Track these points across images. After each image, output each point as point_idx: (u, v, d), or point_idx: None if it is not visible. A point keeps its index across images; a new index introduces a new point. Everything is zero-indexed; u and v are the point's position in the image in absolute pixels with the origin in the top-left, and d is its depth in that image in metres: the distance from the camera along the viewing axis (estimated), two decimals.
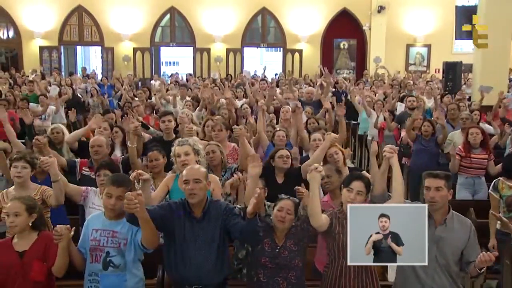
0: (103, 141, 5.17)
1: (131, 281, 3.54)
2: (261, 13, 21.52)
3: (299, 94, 10.75)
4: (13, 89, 12.23)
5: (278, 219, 3.68)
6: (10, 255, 3.45)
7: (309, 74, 18.65)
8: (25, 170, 4.28)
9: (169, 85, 13.33)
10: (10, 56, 21.47)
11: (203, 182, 3.52)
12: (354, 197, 3.59)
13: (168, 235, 3.56)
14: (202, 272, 3.47)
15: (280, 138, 6.07)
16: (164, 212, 3.50)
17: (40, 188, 4.32)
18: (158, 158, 4.89)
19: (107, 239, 3.51)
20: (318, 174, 3.55)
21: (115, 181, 3.54)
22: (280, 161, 4.96)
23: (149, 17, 20.98)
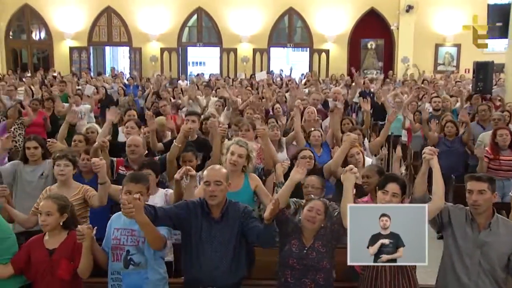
0: (139, 141, 5.19)
1: (153, 279, 3.56)
2: (288, 13, 21.48)
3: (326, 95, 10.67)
4: (41, 89, 12.43)
5: (307, 219, 3.64)
6: (40, 252, 3.52)
7: (336, 74, 18.54)
8: (68, 168, 4.36)
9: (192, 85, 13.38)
10: (42, 56, 21.92)
11: (224, 184, 3.53)
12: (390, 199, 3.54)
13: (185, 234, 3.57)
14: (217, 273, 3.47)
15: (316, 138, 6.06)
16: (180, 211, 3.52)
17: (83, 188, 4.39)
18: (191, 160, 4.94)
19: (126, 238, 3.55)
20: (352, 175, 3.52)
21: (133, 178, 3.60)
22: (303, 161, 4.91)
23: (176, 18, 21.16)
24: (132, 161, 5.12)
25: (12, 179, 5.05)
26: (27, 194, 4.96)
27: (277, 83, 14.71)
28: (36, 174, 5.07)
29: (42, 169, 5.04)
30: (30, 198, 4.84)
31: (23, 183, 5.06)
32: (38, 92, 11.80)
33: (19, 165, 5.15)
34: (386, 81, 15.58)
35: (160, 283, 3.61)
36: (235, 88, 10.99)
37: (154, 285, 3.56)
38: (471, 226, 3.53)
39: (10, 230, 3.65)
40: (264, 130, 5.23)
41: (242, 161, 4.41)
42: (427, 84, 13.65)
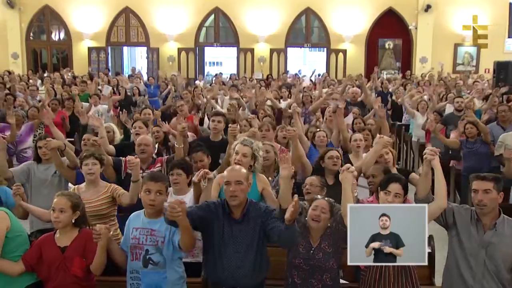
0: (149, 140, 5.22)
1: (172, 278, 3.57)
2: (305, 13, 21.43)
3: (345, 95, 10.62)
4: (63, 89, 12.57)
5: (312, 218, 3.63)
6: (53, 250, 3.55)
7: (353, 74, 18.44)
8: (96, 167, 4.41)
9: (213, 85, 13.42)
10: (61, 57, 22.18)
11: (245, 184, 3.51)
12: (392, 199, 3.53)
13: (207, 235, 3.57)
14: (239, 274, 3.46)
15: (320, 139, 6.00)
16: (202, 213, 3.51)
17: (111, 186, 4.44)
18: (202, 159, 4.92)
19: (146, 237, 3.55)
20: (350, 174, 3.51)
21: (153, 177, 3.60)
22: (330, 162, 4.90)
23: (193, 18, 21.24)
24: (142, 160, 5.09)
25: (25, 178, 5.13)
26: (41, 193, 5.05)
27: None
28: (49, 173, 5.15)
29: (55, 168, 5.10)
30: (43, 196, 4.94)
31: (37, 182, 5.14)
32: (60, 91, 11.96)
33: (32, 164, 5.24)
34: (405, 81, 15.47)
35: (178, 282, 3.62)
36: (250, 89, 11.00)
37: (172, 284, 3.57)
38: (476, 226, 3.49)
39: (21, 228, 3.67)
40: (295, 132, 5.18)
41: (247, 160, 4.36)
42: (444, 84, 13.51)
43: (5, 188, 4.39)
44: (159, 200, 3.51)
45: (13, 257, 3.50)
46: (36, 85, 12.80)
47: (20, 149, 7.37)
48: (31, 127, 7.74)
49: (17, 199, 4.15)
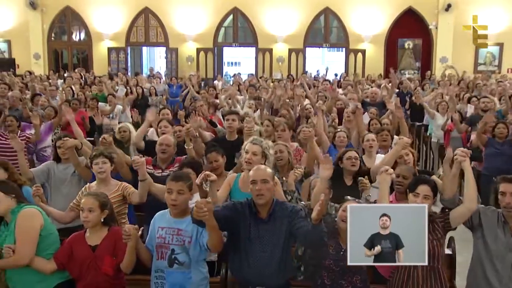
0: (171, 141, 5.22)
1: (196, 279, 3.58)
2: (324, 13, 21.34)
3: (363, 95, 10.55)
4: (84, 89, 12.71)
5: (343, 219, 3.60)
6: (83, 249, 3.61)
7: (372, 74, 18.32)
8: (106, 165, 4.45)
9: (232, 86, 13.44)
10: (81, 57, 22.44)
11: (271, 183, 3.50)
12: (421, 201, 3.49)
13: (233, 235, 3.57)
14: (265, 273, 3.46)
15: (341, 139, 5.98)
16: (228, 212, 3.50)
17: (122, 185, 4.46)
18: (217, 159, 4.92)
19: (172, 237, 3.56)
20: (388, 176, 3.46)
21: (174, 176, 3.62)
22: (349, 162, 4.86)
23: (212, 18, 21.30)
24: (162, 160, 5.15)
25: (45, 178, 5.18)
26: (60, 192, 5.10)
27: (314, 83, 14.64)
28: (68, 172, 5.18)
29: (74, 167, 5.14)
30: (63, 196, 4.99)
31: (56, 182, 5.18)
32: (78, 91, 12.07)
33: (52, 164, 5.29)
34: (424, 81, 15.31)
35: (202, 283, 3.64)
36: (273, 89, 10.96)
37: (197, 285, 3.58)
38: (503, 229, 3.46)
39: (52, 227, 3.75)
40: (310, 132, 5.16)
41: (257, 159, 4.32)
42: (465, 85, 13.34)
43: (28, 188, 4.45)
44: (181, 199, 3.50)
45: (45, 255, 3.57)
46: (57, 85, 12.95)
47: (40, 148, 7.47)
48: (50, 126, 7.84)
49: (37, 200, 4.21)
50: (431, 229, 3.51)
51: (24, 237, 3.46)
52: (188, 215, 3.51)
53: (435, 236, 3.52)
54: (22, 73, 17.86)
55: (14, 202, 3.56)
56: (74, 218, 4.34)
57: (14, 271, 3.56)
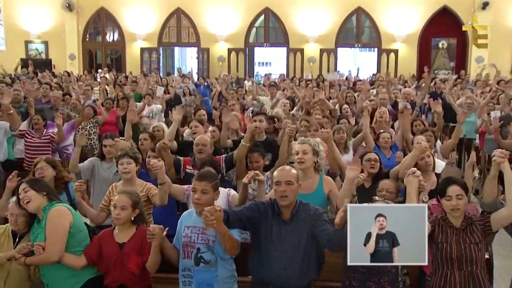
0: (207, 140, 5.24)
1: (223, 277, 3.59)
2: (356, 12, 21.16)
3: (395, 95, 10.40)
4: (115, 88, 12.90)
5: None
6: (111, 245, 3.67)
7: (405, 74, 18.06)
8: (131, 166, 4.50)
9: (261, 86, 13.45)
10: (115, 57, 22.82)
11: (295, 185, 3.49)
12: (457, 203, 3.41)
13: (255, 235, 3.57)
14: (286, 275, 3.44)
15: (385, 140, 5.94)
16: (250, 213, 3.50)
17: (146, 185, 4.50)
18: (258, 161, 4.94)
19: (197, 236, 3.58)
20: (415, 178, 3.41)
21: (198, 176, 3.63)
22: (368, 164, 4.82)
23: (244, 18, 21.36)
24: (199, 160, 5.17)
25: (90, 175, 5.30)
26: (103, 190, 5.10)
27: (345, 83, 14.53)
28: (111, 171, 5.26)
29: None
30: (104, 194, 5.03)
31: (100, 180, 5.28)
32: (112, 91, 12.26)
33: (96, 161, 5.39)
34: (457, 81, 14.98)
35: (229, 281, 3.64)
36: (302, 88, 10.93)
37: (223, 283, 3.59)
38: None
39: (82, 224, 3.81)
40: (329, 133, 5.14)
41: (309, 157, 4.32)
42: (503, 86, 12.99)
43: (73, 185, 4.55)
44: (204, 199, 3.51)
45: (75, 251, 3.64)
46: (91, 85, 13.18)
47: (62, 146, 7.63)
48: (72, 125, 8.00)
49: (77, 195, 4.31)
50: (469, 232, 3.45)
51: (53, 235, 3.53)
52: None
53: (473, 240, 3.44)
54: (58, 73, 18.29)
55: (45, 200, 3.63)
56: (105, 218, 4.42)
57: (47, 267, 3.63)
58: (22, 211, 3.67)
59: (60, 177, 4.53)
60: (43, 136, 7.25)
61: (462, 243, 3.42)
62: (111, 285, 3.65)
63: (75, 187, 4.35)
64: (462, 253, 3.40)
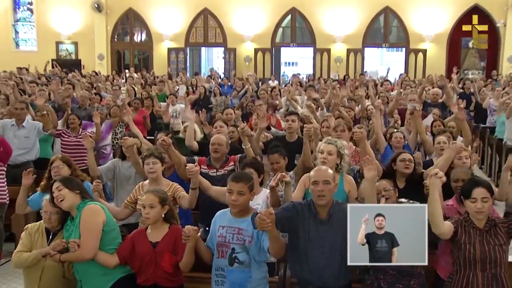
0: (223, 140, 5.22)
1: (256, 278, 3.58)
2: (384, 12, 20.95)
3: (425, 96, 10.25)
4: (144, 89, 13.03)
5: None
6: (145, 244, 3.68)
7: (433, 75, 17.77)
8: (156, 166, 4.50)
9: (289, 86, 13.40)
10: (142, 57, 23.07)
11: (332, 184, 3.49)
12: (482, 205, 3.35)
13: (292, 236, 3.56)
14: (325, 275, 3.44)
15: (397, 140, 5.85)
16: (288, 214, 3.49)
17: (173, 186, 4.50)
18: (279, 161, 4.88)
19: (232, 236, 3.57)
20: (438, 180, 3.35)
21: (234, 177, 3.61)
22: (402, 165, 4.74)
23: (270, 18, 21.36)
24: (215, 159, 5.15)
25: (112, 175, 5.34)
26: (125, 189, 5.20)
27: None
28: (132, 170, 5.28)
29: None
30: (128, 192, 5.06)
31: (121, 179, 5.32)
32: (140, 91, 12.39)
33: (117, 161, 5.43)
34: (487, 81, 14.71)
35: (262, 282, 3.63)
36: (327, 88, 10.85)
37: (256, 284, 3.58)
38: None
39: (114, 222, 3.85)
40: (362, 133, 5.08)
41: (333, 159, 4.31)
42: None
43: (88, 183, 4.61)
44: (241, 200, 3.50)
45: (108, 249, 3.67)
46: (119, 84, 13.35)
47: (100, 146, 7.73)
48: (110, 125, 8.10)
49: (95, 195, 4.34)
50: (492, 234, 3.39)
51: (87, 232, 3.57)
52: (248, 215, 3.51)
53: (498, 241, 3.38)
54: (87, 73, 18.58)
55: (78, 198, 3.67)
56: (128, 215, 4.45)
57: (81, 264, 3.67)
58: (56, 209, 3.73)
59: (75, 175, 4.57)
60: (79, 135, 7.36)
61: (486, 245, 3.37)
62: (144, 284, 3.67)
63: (92, 187, 4.38)
64: (486, 255, 3.35)
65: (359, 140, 5.10)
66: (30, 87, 11.06)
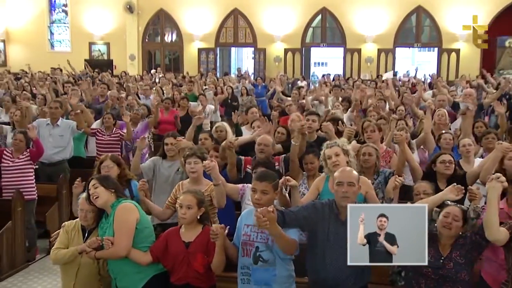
0: (270, 141, 5.23)
1: (281, 276, 3.56)
2: (416, 11, 20.64)
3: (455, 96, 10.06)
4: (173, 89, 13.13)
5: (443, 225, 3.46)
6: (178, 244, 3.71)
7: (466, 75, 17.41)
8: (198, 166, 4.51)
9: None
10: (173, 58, 23.30)
11: (356, 186, 3.48)
12: None
13: (312, 235, 3.54)
14: (343, 276, 3.40)
15: (447, 141, 5.75)
16: (307, 213, 3.49)
17: (212, 186, 4.47)
18: (313, 162, 4.88)
19: (256, 234, 3.57)
20: (499, 184, 3.24)
21: (258, 176, 3.62)
22: (442, 166, 4.68)
23: (300, 18, 21.29)
24: (260, 160, 5.16)
25: (152, 174, 5.36)
26: (164, 189, 5.22)
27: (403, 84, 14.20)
28: (172, 170, 5.31)
29: (178, 165, 5.22)
30: (166, 192, 5.10)
31: (161, 178, 5.33)
32: (169, 91, 12.49)
33: (158, 160, 5.44)
34: None
35: (287, 280, 3.61)
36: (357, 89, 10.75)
37: (282, 282, 3.57)
38: None
39: (148, 221, 3.90)
40: (402, 136, 5.01)
41: (342, 158, 4.27)
42: None
43: (136, 182, 4.67)
44: (265, 199, 3.49)
45: (141, 247, 3.72)
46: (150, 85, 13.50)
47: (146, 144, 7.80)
48: (147, 125, 8.19)
49: (141, 194, 4.41)
50: None
51: (121, 230, 3.63)
52: None
53: None
54: (119, 73, 18.88)
55: (113, 196, 3.72)
56: (171, 215, 4.47)
57: (115, 262, 3.73)
58: (91, 207, 3.79)
59: (123, 174, 4.64)
60: (113, 134, 7.50)
61: None
62: (177, 283, 3.70)
63: (138, 186, 4.45)
64: None
65: (399, 142, 5.04)
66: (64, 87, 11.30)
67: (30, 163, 6.27)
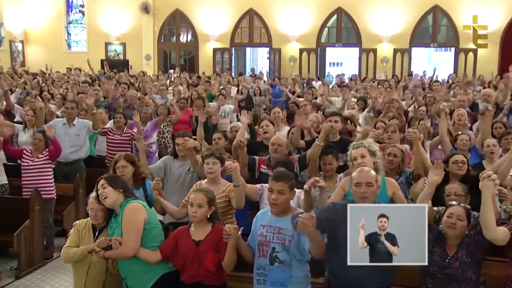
0: (283, 140, 5.24)
1: (297, 277, 3.57)
2: (433, 11, 20.47)
3: (474, 96, 9.97)
4: (188, 89, 13.19)
5: (448, 225, 3.47)
6: (188, 242, 3.73)
7: (484, 75, 17.21)
8: (216, 166, 4.53)
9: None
10: (188, 58, 23.39)
11: (374, 186, 3.47)
12: None
13: (332, 236, 3.54)
14: (363, 277, 3.40)
15: (463, 142, 5.75)
16: (328, 214, 3.48)
17: (229, 186, 4.51)
18: (332, 163, 4.88)
19: (273, 235, 3.57)
20: (491, 182, 3.24)
21: (275, 176, 3.61)
22: (455, 166, 4.67)
23: (316, 18, 21.23)
24: (274, 159, 5.14)
25: (163, 174, 5.40)
26: (174, 188, 5.27)
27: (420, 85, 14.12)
28: (183, 169, 5.34)
29: (189, 165, 5.26)
30: (177, 191, 5.16)
31: (172, 177, 5.37)
32: (185, 91, 12.56)
33: (169, 159, 5.48)
34: None
35: (303, 281, 3.62)
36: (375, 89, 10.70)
37: (298, 283, 3.57)
38: None
39: (156, 220, 3.91)
40: (415, 134, 5.00)
41: (369, 159, 4.27)
42: None
43: (150, 181, 4.71)
44: (281, 199, 3.50)
45: (150, 247, 3.74)
46: (166, 84, 13.58)
47: (145, 144, 7.83)
48: (156, 123, 8.25)
49: (155, 193, 4.44)
50: None
51: (129, 230, 3.65)
52: (289, 214, 3.50)
53: None
54: (135, 73, 19.00)
55: (122, 196, 3.75)
56: (186, 214, 4.47)
57: (124, 262, 3.76)
58: (101, 206, 3.82)
59: (138, 173, 4.68)
60: (124, 133, 7.57)
61: None
62: (188, 282, 3.71)
63: (152, 185, 4.48)
64: None
65: (413, 140, 5.02)
66: (82, 87, 11.42)
67: (49, 162, 6.35)
